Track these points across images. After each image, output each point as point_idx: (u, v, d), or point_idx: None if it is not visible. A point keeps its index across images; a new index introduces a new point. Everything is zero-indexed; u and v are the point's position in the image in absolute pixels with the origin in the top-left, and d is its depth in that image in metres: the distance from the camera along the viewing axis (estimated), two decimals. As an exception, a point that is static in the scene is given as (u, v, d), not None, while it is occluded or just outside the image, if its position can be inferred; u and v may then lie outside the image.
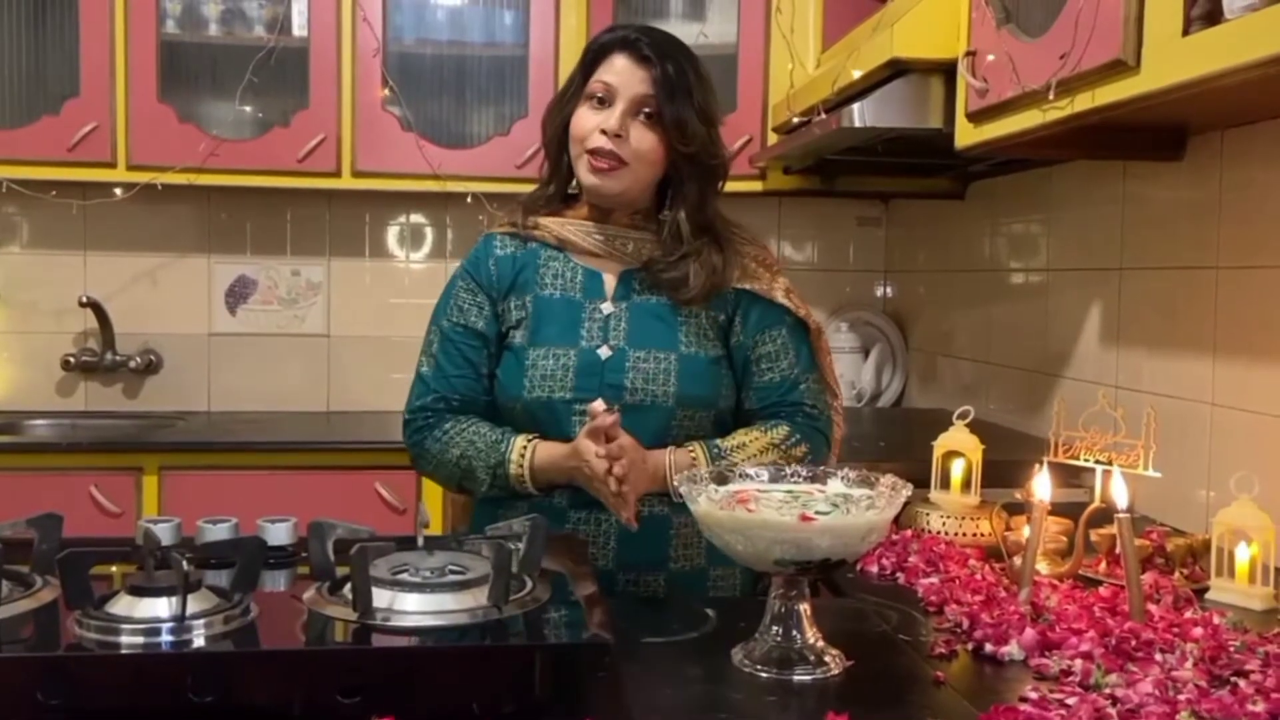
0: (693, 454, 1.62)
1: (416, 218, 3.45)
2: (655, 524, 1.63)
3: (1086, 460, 1.63)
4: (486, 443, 1.64)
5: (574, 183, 1.71)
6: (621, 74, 1.62)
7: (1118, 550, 1.47)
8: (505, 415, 1.68)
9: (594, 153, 1.62)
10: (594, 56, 1.66)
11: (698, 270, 1.64)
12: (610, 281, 1.69)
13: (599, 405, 1.53)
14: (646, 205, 1.70)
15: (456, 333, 1.69)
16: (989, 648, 1.28)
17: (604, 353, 1.64)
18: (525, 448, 1.62)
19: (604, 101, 1.63)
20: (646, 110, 1.62)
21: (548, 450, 1.62)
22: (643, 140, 1.62)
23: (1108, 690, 1.13)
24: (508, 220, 1.75)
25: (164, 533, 1.32)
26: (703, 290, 1.64)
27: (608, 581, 1.61)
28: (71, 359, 3.28)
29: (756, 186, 3.06)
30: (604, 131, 1.61)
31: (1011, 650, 1.26)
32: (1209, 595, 1.53)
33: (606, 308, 1.67)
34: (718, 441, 1.65)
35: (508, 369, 1.67)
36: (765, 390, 1.69)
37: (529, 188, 1.79)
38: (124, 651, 1.03)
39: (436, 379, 1.69)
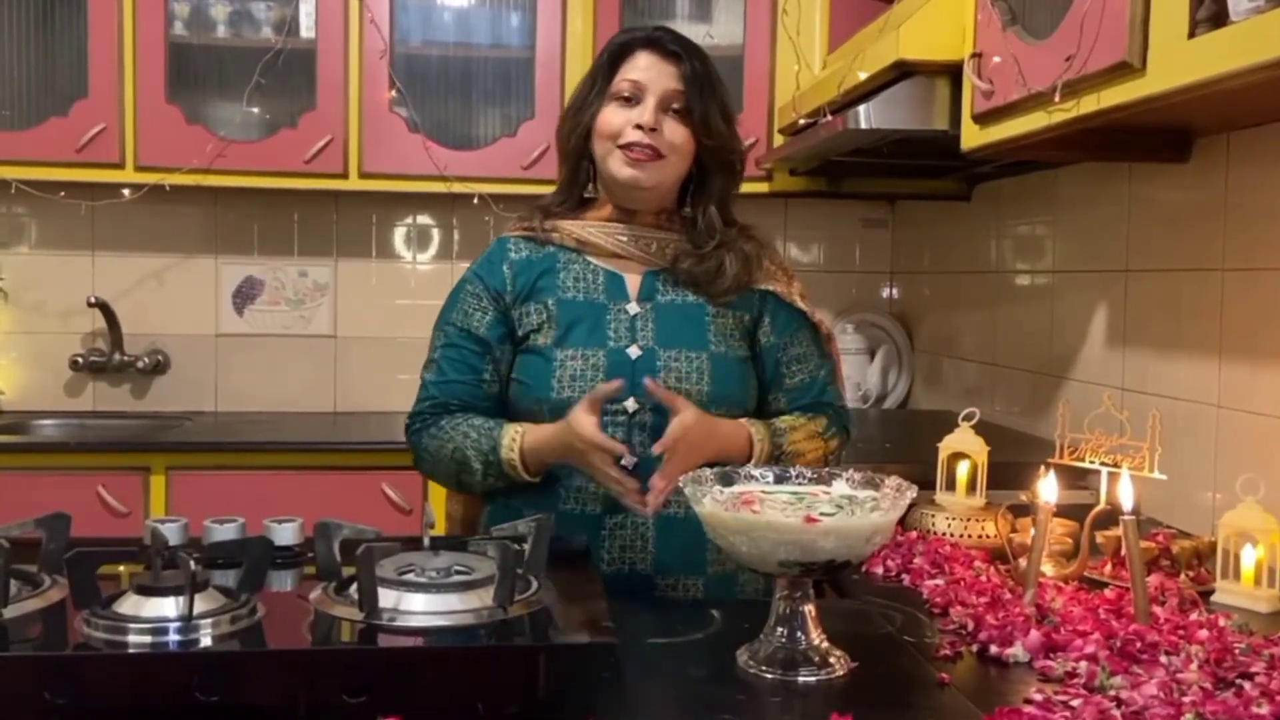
0: (754, 430, 1.62)
1: (423, 219, 3.46)
2: (694, 526, 1.48)
3: (1092, 462, 1.63)
4: (480, 432, 1.60)
5: (590, 187, 1.71)
6: (649, 70, 1.62)
7: (1123, 552, 1.47)
8: (530, 419, 1.62)
9: (628, 147, 1.61)
10: (615, 56, 1.65)
11: (732, 260, 1.65)
12: (633, 282, 1.67)
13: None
14: (671, 204, 1.71)
15: (460, 337, 1.67)
16: (994, 649, 1.28)
17: (633, 352, 1.62)
18: (518, 431, 1.59)
19: (632, 99, 1.62)
20: (675, 105, 1.63)
21: (540, 430, 1.58)
22: (676, 133, 1.62)
23: (1112, 692, 1.13)
24: (522, 224, 1.73)
25: (171, 533, 1.32)
26: (736, 280, 1.65)
27: (645, 586, 1.59)
28: (79, 359, 3.29)
29: (763, 188, 3.06)
30: (638, 126, 1.60)
31: (1016, 652, 1.26)
32: (1214, 598, 1.53)
33: (632, 308, 1.65)
34: (773, 421, 1.66)
35: (533, 372, 1.63)
36: (796, 391, 1.70)
37: (536, 189, 1.79)
38: (131, 651, 1.04)
39: (437, 383, 1.67)
